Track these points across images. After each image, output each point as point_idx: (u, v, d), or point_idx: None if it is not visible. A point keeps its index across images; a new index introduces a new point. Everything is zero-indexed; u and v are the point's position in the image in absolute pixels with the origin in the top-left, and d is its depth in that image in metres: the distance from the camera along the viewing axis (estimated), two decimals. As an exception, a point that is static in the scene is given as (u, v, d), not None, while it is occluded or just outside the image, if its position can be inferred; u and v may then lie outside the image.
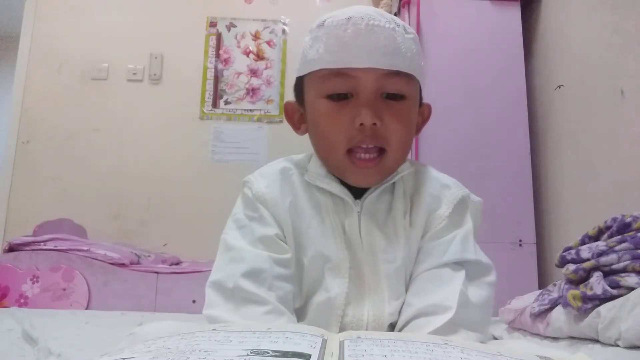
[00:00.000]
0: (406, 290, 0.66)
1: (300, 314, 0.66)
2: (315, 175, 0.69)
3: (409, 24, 1.96)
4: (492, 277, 0.66)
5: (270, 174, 0.71)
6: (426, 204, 0.68)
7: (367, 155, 0.64)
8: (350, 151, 0.64)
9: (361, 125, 0.62)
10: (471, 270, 0.64)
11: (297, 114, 0.72)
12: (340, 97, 0.64)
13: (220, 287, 0.61)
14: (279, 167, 0.72)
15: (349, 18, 0.62)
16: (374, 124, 0.61)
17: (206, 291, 0.62)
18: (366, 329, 0.63)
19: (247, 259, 0.62)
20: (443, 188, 0.70)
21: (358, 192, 0.68)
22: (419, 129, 0.73)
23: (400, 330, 0.62)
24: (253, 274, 0.61)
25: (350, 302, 0.64)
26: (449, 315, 0.57)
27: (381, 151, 0.64)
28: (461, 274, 0.63)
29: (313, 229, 0.67)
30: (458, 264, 0.64)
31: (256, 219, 0.67)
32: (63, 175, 2.47)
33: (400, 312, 0.64)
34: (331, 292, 0.64)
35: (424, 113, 0.73)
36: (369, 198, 0.67)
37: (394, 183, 0.69)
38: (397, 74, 0.63)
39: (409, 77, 0.64)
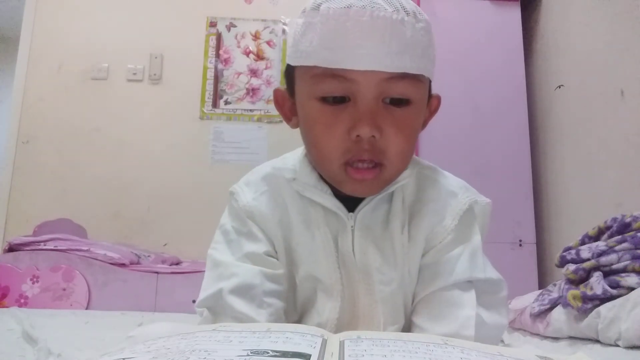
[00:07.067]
0: (405, 312, 0.62)
1: None
2: (304, 186, 0.63)
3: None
4: (503, 293, 0.63)
5: (255, 183, 0.66)
6: (428, 216, 0.63)
7: (364, 165, 0.57)
8: (346, 163, 0.57)
9: (358, 136, 0.54)
10: (481, 288, 0.61)
11: (287, 103, 0.64)
12: (335, 101, 0.56)
13: (209, 307, 0.58)
14: (262, 173, 0.67)
15: (349, 6, 0.53)
16: (373, 136, 0.54)
17: (197, 312, 0.59)
18: None
19: (236, 274, 0.58)
20: (448, 196, 0.64)
21: (352, 202, 0.62)
22: (425, 123, 0.65)
23: None
24: (243, 290, 0.57)
25: (342, 329, 0.59)
26: None
27: (378, 164, 0.57)
28: (471, 295, 0.59)
29: (302, 246, 0.63)
30: (467, 282, 0.60)
31: (245, 233, 0.63)
32: (63, 175, 2.47)
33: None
34: (322, 316, 0.61)
35: (431, 105, 0.65)
36: (364, 210, 0.62)
37: (392, 191, 0.63)
38: (403, 76, 0.54)
39: (417, 79, 0.56)
